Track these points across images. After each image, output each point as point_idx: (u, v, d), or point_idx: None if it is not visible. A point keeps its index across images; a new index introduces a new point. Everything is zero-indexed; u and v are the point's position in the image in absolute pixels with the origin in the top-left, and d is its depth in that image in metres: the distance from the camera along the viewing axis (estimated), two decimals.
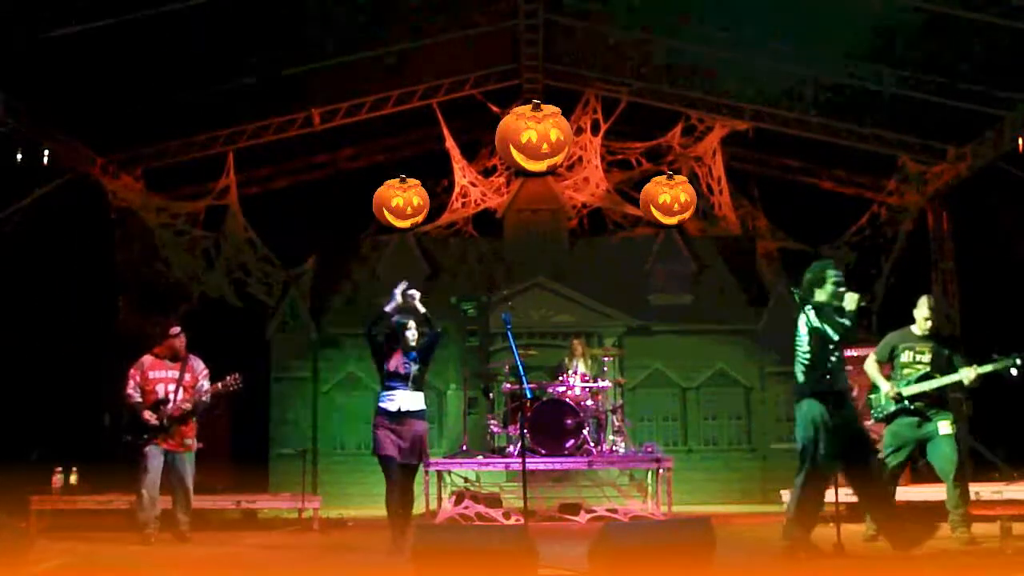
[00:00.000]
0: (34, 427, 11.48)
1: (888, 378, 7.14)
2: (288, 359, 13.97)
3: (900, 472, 7.08)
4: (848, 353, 6.61)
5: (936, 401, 6.89)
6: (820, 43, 12.62)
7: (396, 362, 7.10)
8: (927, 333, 7.05)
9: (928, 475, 9.74)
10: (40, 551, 6.48)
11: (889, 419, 7.07)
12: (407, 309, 7.20)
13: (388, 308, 7.18)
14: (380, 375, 7.17)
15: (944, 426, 6.81)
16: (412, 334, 7.14)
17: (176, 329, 8.08)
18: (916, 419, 6.89)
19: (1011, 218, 12.66)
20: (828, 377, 6.11)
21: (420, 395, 7.14)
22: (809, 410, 6.09)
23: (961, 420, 13.88)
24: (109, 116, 12.84)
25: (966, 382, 6.84)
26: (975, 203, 14.02)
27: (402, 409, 7.00)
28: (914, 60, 12.37)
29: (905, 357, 7.04)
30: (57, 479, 9.94)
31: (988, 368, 6.78)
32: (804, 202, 16.28)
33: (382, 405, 7.05)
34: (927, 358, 6.94)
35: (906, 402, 6.93)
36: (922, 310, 7.08)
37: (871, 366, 7.26)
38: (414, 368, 7.09)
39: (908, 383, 6.96)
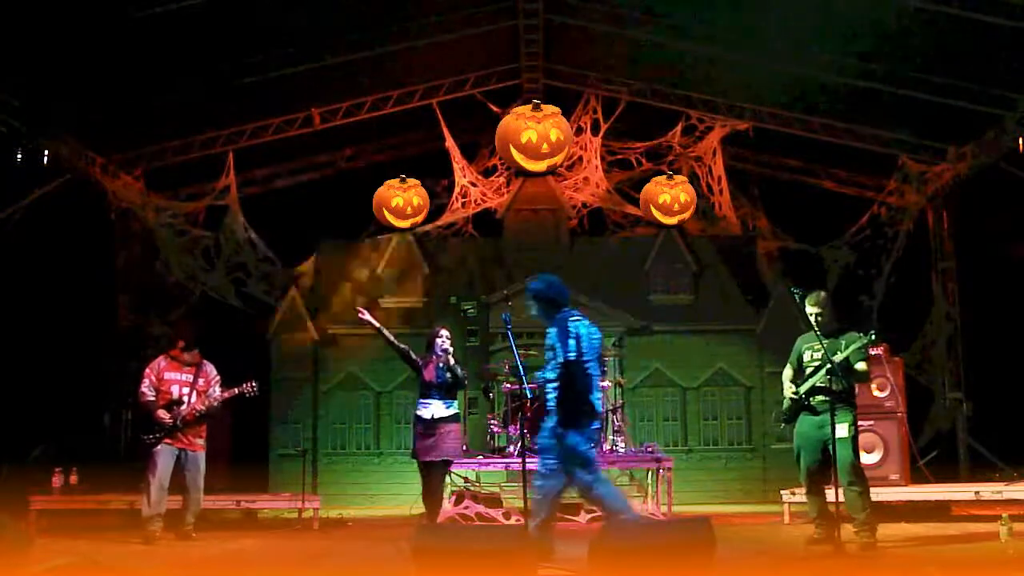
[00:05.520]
0: (34, 427, 11.48)
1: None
2: (288, 359, 13.96)
3: (819, 471, 6.75)
4: None
5: (839, 400, 6.60)
6: (820, 43, 12.63)
7: (431, 373, 7.79)
8: (822, 330, 6.92)
9: (923, 475, 9.77)
10: (40, 551, 6.47)
11: (793, 419, 6.90)
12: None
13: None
14: (418, 384, 7.90)
15: (841, 429, 6.53)
16: (442, 341, 7.87)
17: (182, 344, 8.12)
18: (818, 418, 6.63)
19: (1011, 218, 12.66)
20: None
21: (453, 403, 7.89)
22: None
23: (961, 420, 13.94)
24: (109, 116, 12.84)
25: (841, 360, 6.60)
26: (975, 203, 14.02)
27: (435, 416, 7.72)
28: (914, 60, 12.36)
29: (807, 357, 6.88)
30: (57, 479, 9.94)
31: (852, 348, 6.59)
32: (804, 202, 16.29)
33: (418, 412, 7.80)
34: (820, 353, 6.78)
35: (804, 399, 6.75)
36: (811, 307, 6.96)
37: (785, 374, 7.09)
38: (447, 378, 7.81)
39: (804, 381, 6.86)
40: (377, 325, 7.93)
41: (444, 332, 8.01)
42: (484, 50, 14.96)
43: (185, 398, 7.88)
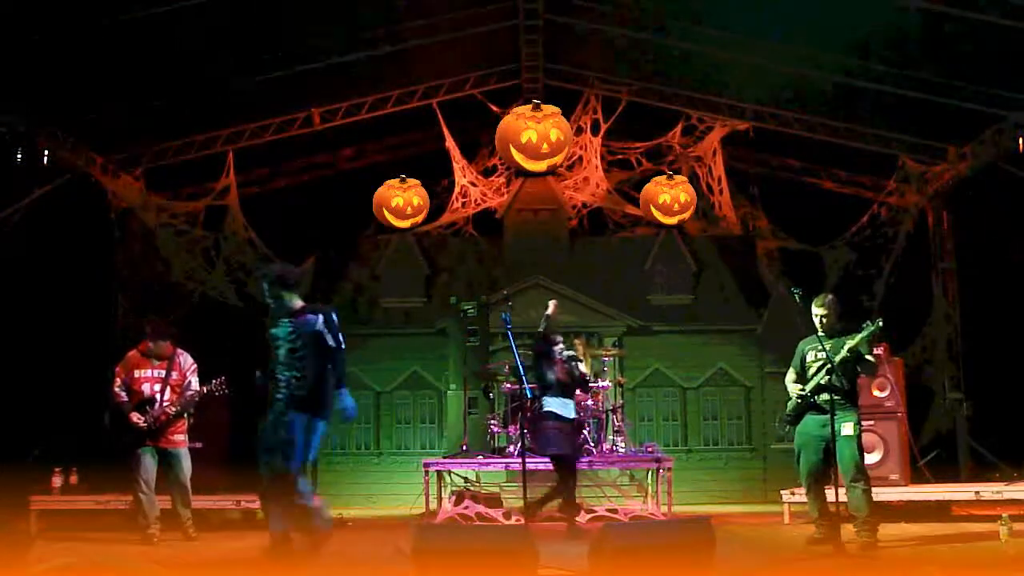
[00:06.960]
0: (34, 427, 11.46)
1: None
2: None
3: (820, 471, 6.76)
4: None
5: (845, 398, 6.68)
6: (820, 42, 12.61)
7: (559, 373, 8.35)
8: (826, 332, 6.93)
9: (923, 475, 9.77)
10: (40, 551, 6.47)
11: (797, 419, 6.92)
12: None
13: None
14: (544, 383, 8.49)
15: (846, 427, 6.59)
16: (560, 348, 8.50)
17: (149, 332, 7.97)
18: (822, 417, 6.60)
19: (1011, 218, 12.65)
20: None
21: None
22: None
23: (961, 420, 13.93)
24: (109, 116, 12.83)
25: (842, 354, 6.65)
26: (975, 203, 14.01)
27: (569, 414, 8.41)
28: (914, 60, 12.35)
29: (809, 357, 6.89)
30: (57, 479, 9.92)
31: (859, 338, 6.63)
32: (804, 202, 16.28)
33: (553, 409, 8.38)
34: (823, 353, 6.74)
35: (810, 397, 6.75)
36: (817, 309, 6.97)
37: (788, 378, 7.10)
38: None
39: (808, 381, 6.85)
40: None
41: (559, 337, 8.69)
42: (484, 50, 14.94)
43: (156, 395, 7.73)
